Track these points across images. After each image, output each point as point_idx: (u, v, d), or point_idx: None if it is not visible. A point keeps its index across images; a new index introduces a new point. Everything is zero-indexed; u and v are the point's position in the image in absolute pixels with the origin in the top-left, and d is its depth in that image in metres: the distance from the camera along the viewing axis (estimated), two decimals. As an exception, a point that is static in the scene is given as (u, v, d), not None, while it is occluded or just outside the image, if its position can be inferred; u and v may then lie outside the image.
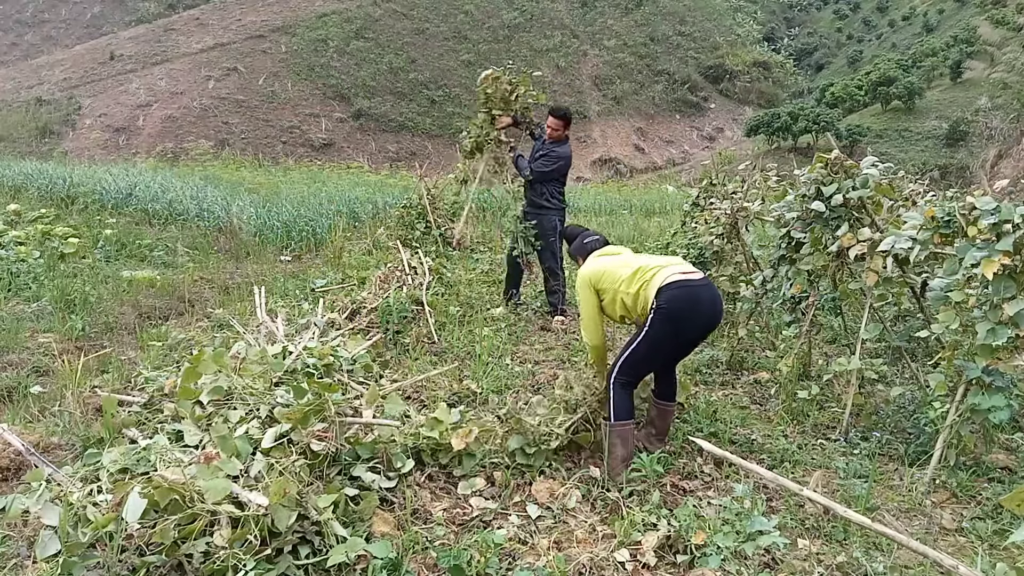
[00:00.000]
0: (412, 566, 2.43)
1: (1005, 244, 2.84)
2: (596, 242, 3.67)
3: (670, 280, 3.05)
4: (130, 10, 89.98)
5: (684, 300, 3.03)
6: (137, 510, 2.25)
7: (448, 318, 5.62)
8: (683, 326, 3.08)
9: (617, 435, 3.10)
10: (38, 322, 5.31)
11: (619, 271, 3.22)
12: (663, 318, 3.03)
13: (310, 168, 27.62)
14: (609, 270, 3.27)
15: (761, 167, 7.16)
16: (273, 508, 2.32)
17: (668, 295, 3.02)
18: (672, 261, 3.22)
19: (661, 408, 3.42)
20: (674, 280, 3.05)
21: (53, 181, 12.23)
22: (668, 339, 3.10)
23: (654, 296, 3.05)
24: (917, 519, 2.94)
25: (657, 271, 3.11)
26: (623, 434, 3.12)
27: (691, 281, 3.07)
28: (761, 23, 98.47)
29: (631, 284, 3.15)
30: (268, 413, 3.07)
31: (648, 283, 3.10)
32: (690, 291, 3.04)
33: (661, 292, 3.04)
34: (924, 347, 4.57)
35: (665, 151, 70.66)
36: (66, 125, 55.92)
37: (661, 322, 3.04)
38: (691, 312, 3.06)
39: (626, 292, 3.16)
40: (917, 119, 61.00)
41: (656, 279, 3.08)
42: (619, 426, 3.11)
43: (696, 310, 3.07)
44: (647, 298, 3.08)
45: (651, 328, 3.06)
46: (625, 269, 3.21)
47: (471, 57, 72.45)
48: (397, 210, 8.49)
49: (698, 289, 3.06)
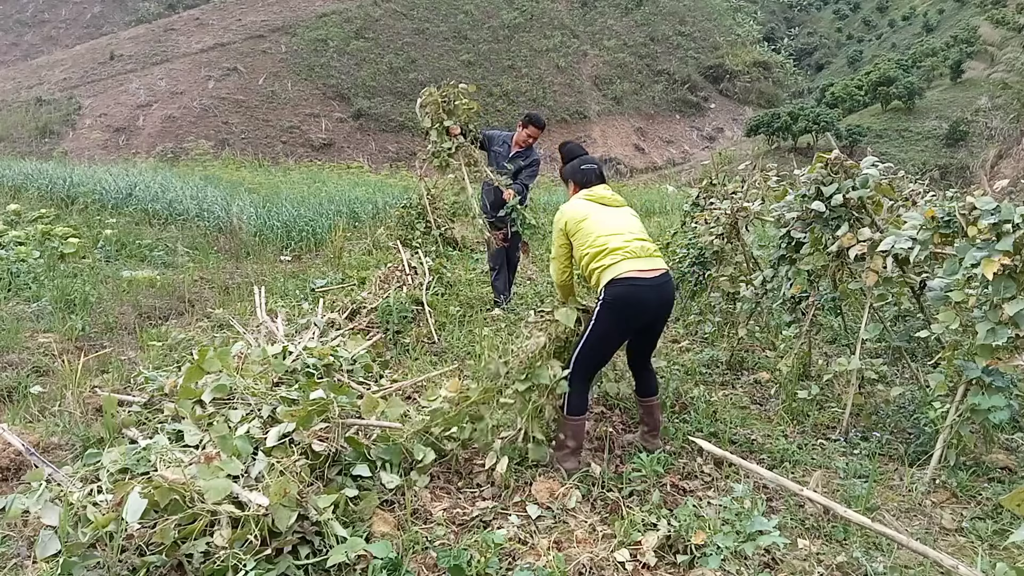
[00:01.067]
0: (412, 566, 2.43)
1: (1005, 244, 2.84)
2: (592, 174, 3.49)
3: (623, 275, 3.05)
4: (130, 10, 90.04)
5: (629, 298, 3.06)
6: (137, 510, 2.25)
7: (448, 318, 5.62)
8: (628, 323, 3.13)
9: (569, 428, 3.17)
10: (38, 322, 5.31)
11: (590, 237, 3.18)
12: (608, 312, 3.08)
13: (310, 168, 27.63)
14: (584, 230, 3.22)
15: (761, 167, 7.15)
16: (273, 508, 2.32)
17: (616, 291, 3.05)
18: (638, 248, 3.15)
19: (646, 405, 3.45)
20: (626, 276, 3.05)
21: (53, 181, 12.24)
22: (614, 333, 3.16)
23: (604, 285, 3.08)
24: (917, 519, 2.94)
25: (617, 262, 3.08)
26: (575, 428, 3.18)
27: (643, 280, 3.07)
28: (761, 23, 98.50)
29: (593, 260, 3.16)
30: (270, 413, 3.07)
31: (605, 269, 3.10)
32: (637, 291, 3.06)
33: (611, 285, 3.06)
34: (924, 347, 4.57)
35: (665, 151, 70.66)
36: (66, 125, 55.92)
37: (606, 315, 3.09)
38: (635, 311, 3.10)
39: (587, 263, 3.19)
40: (917, 119, 61.02)
41: (612, 269, 3.07)
42: (572, 420, 3.17)
43: (640, 308, 3.11)
44: (599, 282, 3.12)
45: (597, 321, 3.11)
46: (596, 239, 3.17)
47: (471, 57, 72.49)
48: (397, 210, 8.50)
49: (646, 290, 3.07)
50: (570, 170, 3.58)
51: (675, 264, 6.34)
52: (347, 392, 3.26)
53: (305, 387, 3.27)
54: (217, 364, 3.34)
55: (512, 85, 70.75)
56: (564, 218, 3.32)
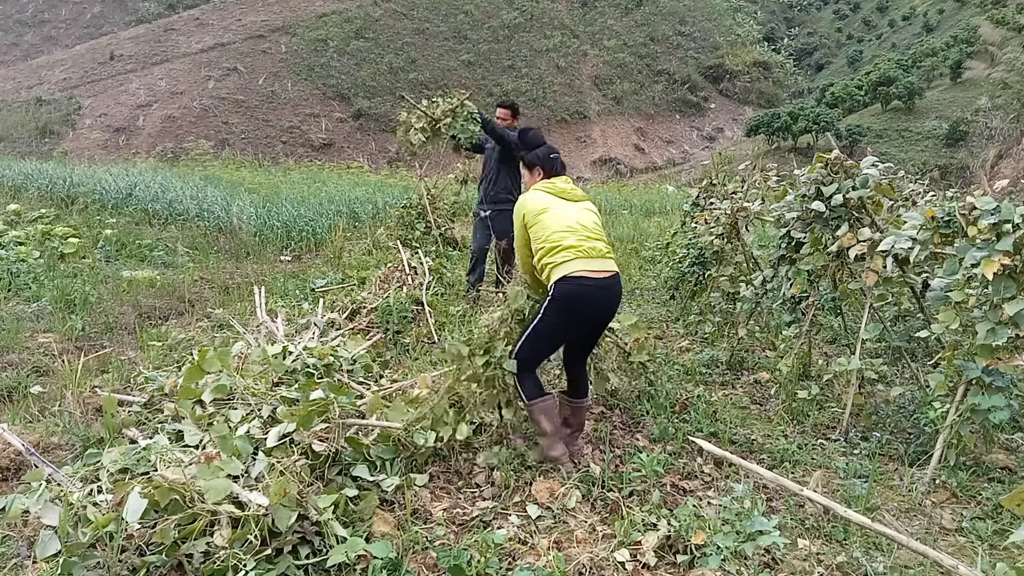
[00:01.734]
0: (412, 566, 2.43)
1: (1005, 244, 2.84)
2: (559, 163, 3.47)
3: (573, 273, 3.06)
4: (130, 10, 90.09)
5: (577, 299, 3.08)
6: (137, 510, 2.25)
7: (448, 318, 5.61)
8: (573, 321, 3.14)
9: (538, 411, 3.16)
10: (38, 322, 5.31)
11: (546, 232, 3.17)
12: (555, 309, 3.10)
13: (310, 168, 27.63)
14: (542, 223, 3.21)
15: (761, 167, 7.16)
16: (273, 508, 2.32)
17: (564, 289, 3.06)
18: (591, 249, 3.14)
19: (574, 406, 3.45)
20: (576, 275, 3.06)
21: (53, 181, 12.25)
22: (559, 329, 3.17)
23: (555, 282, 3.09)
24: (917, 519, 2.94)
25: (568, 260, 3.08)
26: (544, 409, 3.17)
27: (592, 280, 3.08)
28: (761, 23, 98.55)
29: (546, 255, 3.15)
30: (270, 414, 3.07)
31: (556, 266, 3.10)
32: (585, 290, 3.07)
33: (560, 283, 3.07)
34: (924, 347, 4.57)
35: (665, 151, 70.71)
36: (66, 125, 55.97)
37: (553, 312, 3.11)
38: (582, 309, 3.12)
39: (540, 257, 3.18)
40: (917, 119, 61.07)
41: (563, 267, 3.07)
42: (537, 403, 3.17)
43: (587, 308, 3.13)
44: (550, 278, 3.13)
45: (544, 316, 3.13)
46: (552, 234, 3.15)
47: (471, 57, 72.52)
48: (397, 210, 8.50)
49: (594, 290, 3.09)
50: (540, 157, 3.49)
51: (675, 264, 6.35)
52: (347, 392, 3.26)
53: (305, 387, 3.27)
54: (217, 364, 3.34)
55: (512, 85, 70.76)
56: (523, 211, 3.29)
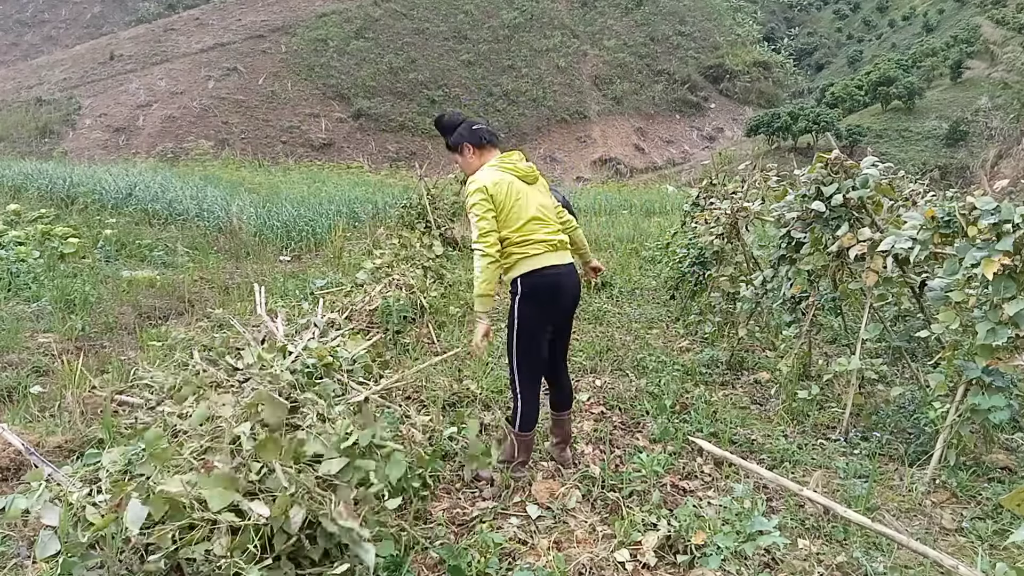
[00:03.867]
0: (412, 566, 2.43)
1: (1005, 244, 2.84)
2: (481, 134, 3.11)
3: (539, 267, 3.01)
4: (130, 10, 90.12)
5: (547, 286, 3.03)
6: (138, 520, 2.24)
7: (448, 318, 5.62)
8: (547, 309, 3.08)
9: (521, 442, 3.14)
10: (38, 322, 5.31)
11: (519, 222, 3.01)
12: (526, 302, 3.03)
13: (310, 168, 27.67)
14: (512, 209, 3.01)
15: (761, 167, 7.15)
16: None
17: (534, 282, 3.01)
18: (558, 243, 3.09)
19: (556, 418, 3.40)
20: (541, 267, 3.01)
21: (53, 181, 12.26)
22: (537, 323, 3.07)
23: (519, 277, 3.02)
24: (917, 519, 2.94)
25: (540, 253, 3.01)
26: (525, 442, 3.15)
27: (557, 268, 3.05)
28: (761, 23, 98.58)
29: (515, 245, 3.02)
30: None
31: (527, 258, 3.01)
32: (555, 280, 3.04)
33: (527, 277, 3.01)
34: (924, 347, 4.57)
35: (665, 151, 70.70)
36: (66, 125, 55.98)
37: (526, 306, 3.03)
38: (553, 297, 3.07)
39: (507, 245, 3.01)
40: (917, 119, 61.07)
41: (533, 260, 3.01)
42: (522, 436, 3.13)
43: (558, 294, 3.08)
44: (516, 269, 3.03)
45: (520, 315, 3.04)
46: (524, 224, 3.01)
47: (471, 57, 72.53)
48: (397, 210, 8.51)
49: (562, 278, 3.07)
50: (463, 134, 3.12)
51: (675, 264, 6.34)
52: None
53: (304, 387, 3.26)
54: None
55: (512, 85, 70.81)
56: (484, 183, 2.95)
